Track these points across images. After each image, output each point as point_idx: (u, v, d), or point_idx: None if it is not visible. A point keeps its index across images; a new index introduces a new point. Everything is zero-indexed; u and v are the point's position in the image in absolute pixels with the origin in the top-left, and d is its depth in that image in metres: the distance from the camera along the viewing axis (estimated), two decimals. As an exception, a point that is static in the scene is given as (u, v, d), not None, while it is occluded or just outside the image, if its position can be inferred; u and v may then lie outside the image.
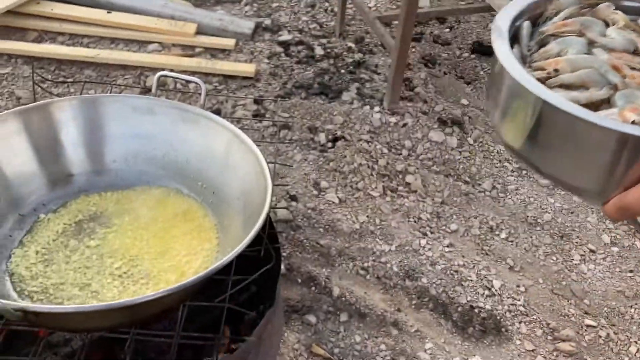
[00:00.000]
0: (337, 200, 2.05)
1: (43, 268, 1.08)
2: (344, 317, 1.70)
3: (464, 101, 2.54)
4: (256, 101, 2.47)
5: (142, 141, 1.28)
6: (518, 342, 1.69)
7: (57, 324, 0.90)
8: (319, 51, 2.78)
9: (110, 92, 2.26)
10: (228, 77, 2.56)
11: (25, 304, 0.83)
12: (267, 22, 2.95)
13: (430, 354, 1.63)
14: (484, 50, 2.84)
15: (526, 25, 0.73)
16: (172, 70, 2.59)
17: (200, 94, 1.29)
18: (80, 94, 1.46)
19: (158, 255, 1.13)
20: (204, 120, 1.26)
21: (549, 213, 2.08)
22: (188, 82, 1.23)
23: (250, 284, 1.18)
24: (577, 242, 1.99)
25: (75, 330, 1.01)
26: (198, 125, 1.26)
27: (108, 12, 2.75)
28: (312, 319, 1.68)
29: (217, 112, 2.35)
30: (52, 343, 1.20)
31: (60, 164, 1.23)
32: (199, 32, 2.77)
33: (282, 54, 2.75)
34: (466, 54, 2.84)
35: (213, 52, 2.74)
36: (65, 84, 2.41)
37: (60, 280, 1.05)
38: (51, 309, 0.85)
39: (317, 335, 1.65)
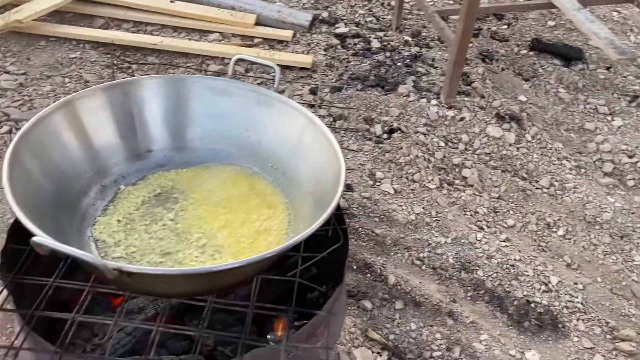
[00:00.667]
0: (392, 191, 2.06)
1: (125, 236, 1.14)
2: (399, 304, 1.72)
3: (522, 98, 2.51)
4: (312, 91, 2.50)
5: (218, 121, 1.32)
6: (576, 339, 1.67)
7: (145, 287, 0.95)
8: (375, 44, 2.80)
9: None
10: (285, 68, 2.60)
11: (122, 264, 0.88)
12: (325, 14, 2.98)
13: (486, 345, 1.64)
14: (542, 47, 2.80)
15: None
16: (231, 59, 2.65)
17: (274, 77, 1.32)
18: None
19: (233, 229, 1.17)
20: (278, 103, 1.29)
21: (609, 212, 2.05)
22: (264, 65, 1.26)
23: (312, 265, 1.20)
24: (638, 243, 1.96)
25: (158, 295, 1.06)
26: (272, 107, 1.30)
27: (171, 1, 2.82)
28: (367, 304, 1.70)
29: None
30: (127, 310, 1.26)
31: (141, 140, 1.28)
32: (258, 23, 2.82)
33: (339, 46, 2.78)
34: (524, 51, 2.81)
35: (271, 43, 2.78)
36: (130, 69, 2.49)
37: (143, 248, 1.10)
38: (146, 270, 0.89)
39: (372, 321, 1.67)
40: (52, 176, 1.10)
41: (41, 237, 0.82)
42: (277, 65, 1.36)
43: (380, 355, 1.59)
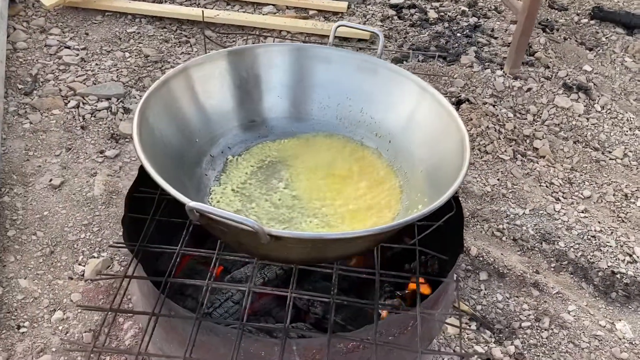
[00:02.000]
0: (464, 163, 2.04)
1: (242, 205, 1.13)
2: (483, 275, 1.71)
3: (587, 67, 2.46)
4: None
5: (318, 90, 1.31)
6: (665, 309, 1.66)
7: (283, 253, 0.94)
8: (432, 14, 2.75)
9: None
10: (343, 39, 2.57)
11: (278, 230, 0.87)
12: (378, -15, 2.93)
13: (574, 316, 1.62)
14: (604, 16, 2.74)
15: None
16: (288, 32, 2.62)
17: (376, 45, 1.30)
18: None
19: (347, 198, 1.16)
20: (382, 70, 1.27)
21: (686, 183, 2.01)
22: (367, 31, 1.23)
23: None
24: None
25: (291, 261, 1.05)
26: (376, 74, 1.27)
27: (224, -27, 2.79)
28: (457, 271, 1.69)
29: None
30: (235, 279, 1.26)
31: (246, 109, 1.27)
32: (311, -6, 2.78)
33: (395, 17, 2.73)
34: (584, 20, 2.74)
35: (326, 15, 2.75)
36: (223, 39, 2.47)
37: (262, 216, 1.10)
38: (302, 235, 0.89)
39: (459, 292, 1.66)
40: (171, 147, 1.10)
41: (196, 203, 0.81)
42: (335, 36, 1.30)
43: (470, 326, 1.58)
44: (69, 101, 2.16)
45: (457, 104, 2.24)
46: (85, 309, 1.35)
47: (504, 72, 2.37)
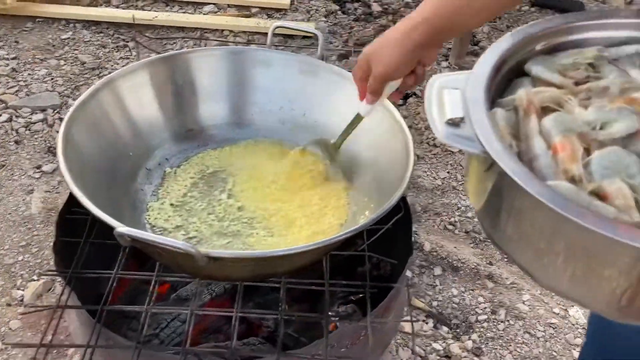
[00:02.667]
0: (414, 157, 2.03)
1: (182, 220, 1.08)
2: (437, 270, 1.70)
3: (530, 55, 2.48)
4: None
5: (258, 94, 1.26)
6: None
7: (226, 272, 0.89)
8: (375, 7, 2.73)
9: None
10: (288, 37, 2.52)
11: (215, 251, 0.83)
12: (321, -21, 2.89)
13: (529, 305, 1.63)
14: (544, 2, 2.77)
15: (501, 115, 0.56)
16: (230, 31, 2.56)
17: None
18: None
19: (292, 206, 1.12)
20: (323, 72, 1.23)
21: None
22: (304, 31, 1.19)
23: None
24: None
25: (235, 279, 1.01)
26: (317, 77, 1.24)
27: (161, -27, 2.70)
28: (407, 273, 1.68)
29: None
30: (181, 297, 1.21)
31: (181, 118, 1.21)
32: (253, -9, 2.72)
33: (339, 12, 2.70)
34: (526, 7, 2.77)
35: (269, 12, 2.69)
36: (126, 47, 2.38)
37: (205, 231, 1.05)
38: (241, 255, 0.85)
39: (414, 289, 1.65)
40: (101, 165, 1.04)
41: (126, 228, 0.76)
42: (280, 34, 1.28)
43: (427, 323, 1.57)
44: (0, 115, 2.05)
45: (404, 98, 2.22)
46: (14, 346, 1.27)
47: (449, 63, 2.37)
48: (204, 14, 2.63)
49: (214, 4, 2.68)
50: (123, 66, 2.21)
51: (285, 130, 1.26)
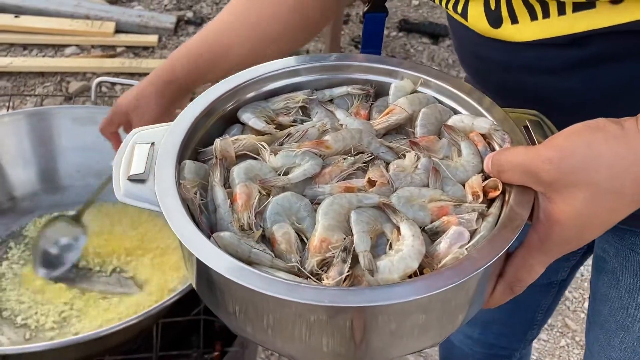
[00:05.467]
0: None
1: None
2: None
3: (398, 80, 2.55)
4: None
5: (86, 153, 1.20)
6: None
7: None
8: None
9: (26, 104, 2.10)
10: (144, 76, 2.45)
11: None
12: (189, 14, 2.84)
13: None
14: (410, 27, 2.87)
15: (189, 167, 0.55)
16: (94, 74, 2.45)
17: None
18: (10, 108, 1.34)
19: (122, 271, 1.07)
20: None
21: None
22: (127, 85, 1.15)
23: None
24: None
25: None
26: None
27: (16, 16, 2.55)
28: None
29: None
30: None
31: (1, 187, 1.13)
32: (118, 30, 2.63)
33: (210, 47, 2.66)
34: (394, 33, 2.85)
35: (136, 51, 2.61)
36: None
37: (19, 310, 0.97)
38: (24, 349, 0.78)
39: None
40: None
41: None
42: (147, 73, 1.23)
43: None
44: None
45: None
46: None
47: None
48: (66, 57, 2.51)
49: (76, 45, 2.57)
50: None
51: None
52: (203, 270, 0.50)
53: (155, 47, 2.62)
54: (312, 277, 0.49)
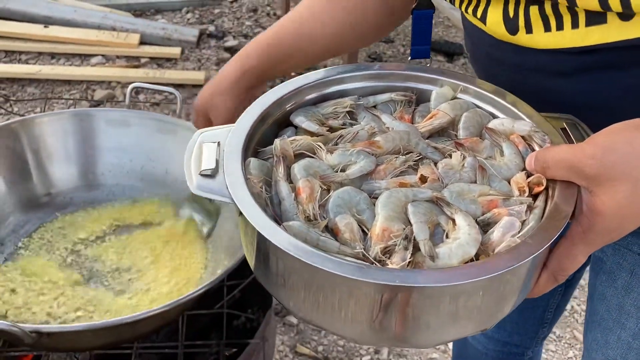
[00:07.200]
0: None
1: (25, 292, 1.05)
2: (324, 314, 1.72)
3: (413, 96, 2.61)
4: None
5: (118, 154, 1.26)
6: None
7: (66, 344, 0.88)
8: (266, 55, 2.79)
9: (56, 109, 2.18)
10: (178, 86, 2.53)
11: (39, 326, 0.81)
12: (211, 28, 2.93)
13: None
14: (426, 46, 2.93)
15: (254, 164, 0.59)
16: (118, 83, 2.54)
17: (175, 103, 1.28)
18: (43, 111, 1.41)
19: (150, 266, 1.12)
20: (181, 129, 1.25)
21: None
22: (161, 92, 1.21)
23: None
24: None
25: (81, 349, 0.98)
26: (176, 135, 1.25)
27: (45, 26, 2.65)
28: (293, 320, 1.69)
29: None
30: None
31: (33, 184, 1.19)
32: (142, 42, 2.72)
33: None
34: (409, 51, 2.92)
35: (159, 62, 2.70)
36: (8, 103, 2.31)
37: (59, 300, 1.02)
38: (66, 328, 0.83)
39: (300, 335, 1.67)
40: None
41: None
42: (169, 84, 1.31)
43: (312, 369, 1.59)
44: None
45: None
46: None
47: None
48: (92, 66, 2.60)
49: (102, 55, 2.66)
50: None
51: (149, 189, 1.26)
52: (272, 254, 0.53)
53: (178, 58, 2.70)
54: (376, 263, 0.52)
